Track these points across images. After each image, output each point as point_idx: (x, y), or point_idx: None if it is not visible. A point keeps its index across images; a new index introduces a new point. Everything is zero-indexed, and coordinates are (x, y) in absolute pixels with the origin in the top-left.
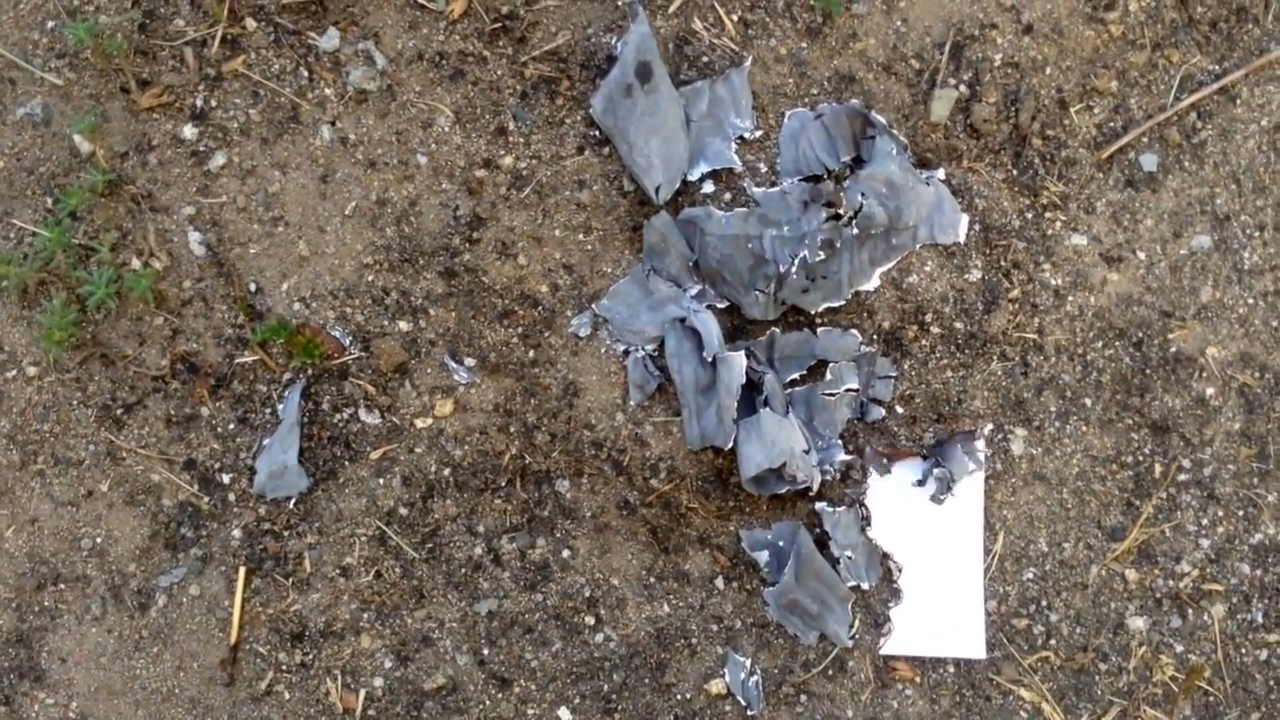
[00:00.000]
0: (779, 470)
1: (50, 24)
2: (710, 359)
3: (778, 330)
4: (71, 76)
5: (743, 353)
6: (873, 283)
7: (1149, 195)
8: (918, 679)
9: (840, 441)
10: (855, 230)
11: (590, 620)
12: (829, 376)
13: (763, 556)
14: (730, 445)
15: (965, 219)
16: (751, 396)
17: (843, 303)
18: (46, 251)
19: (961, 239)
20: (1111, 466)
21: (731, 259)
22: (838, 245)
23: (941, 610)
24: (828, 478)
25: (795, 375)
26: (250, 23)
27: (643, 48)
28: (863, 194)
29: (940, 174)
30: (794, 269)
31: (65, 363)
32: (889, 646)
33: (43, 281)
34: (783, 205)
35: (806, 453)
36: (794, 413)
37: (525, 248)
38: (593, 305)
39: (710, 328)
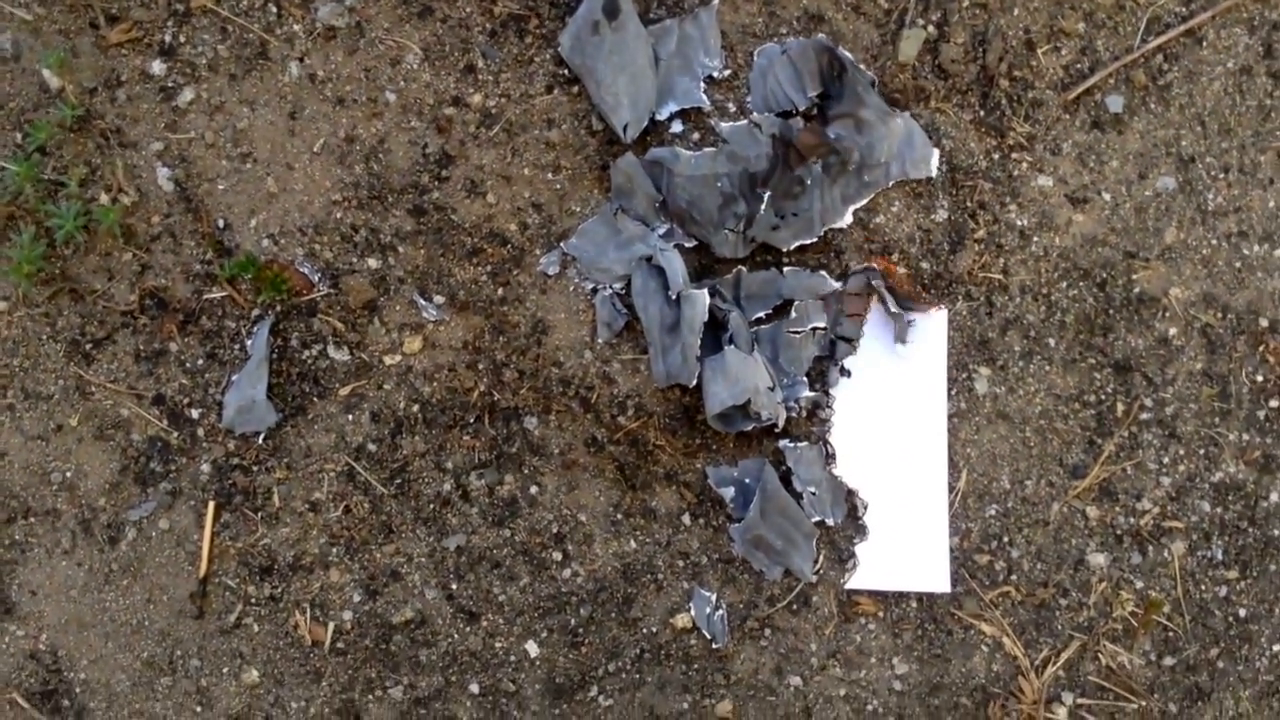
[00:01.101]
0: (744, 407)
1: None
2: (675, 297)
3: (744, 269)
4: (40, 12)
5: (706, 291)
6: (845, 219)
7: (1115, 137)
8: (880, 613)
9: (805, 379)
10: (824, 167)
11: (558, 556)
12: (794, 315)
13: (729, 493)
14: (695, 383)
15: (936, 153)
16: (718, 334)
17: (815, 239)
18: (15, 185)
19: (934, 173)
20: (1074, 405)
21: (701, 199)
22: (808, 182)
23: (906, 545)
24: (793, 415)
25: (761, 314)
26: None
27: None
28: (835, 132)
29: (908, 115)
30: (763, 207)
31: (34, 297)
32: (854, 581)
33: (11, 216)
34: (751, 140)
35: (771, 389)
36: (759, 350)
37: (494, 186)
38: (561, 244)
39: (676, 266)
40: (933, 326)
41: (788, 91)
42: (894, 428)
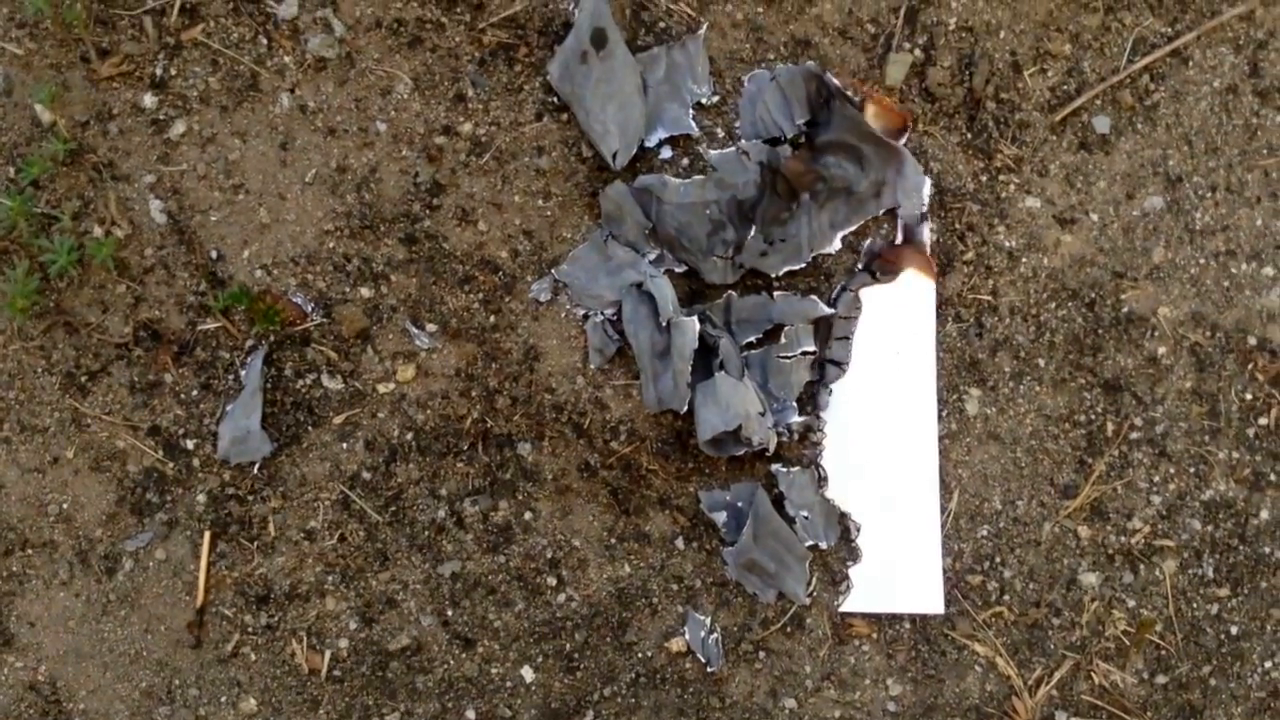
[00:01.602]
0: (735, 433)
1: None
2: (665, 324)
3: (734, 294)
4: (32, 46)
5: (695, 318)
6: (833, 245)
7: (1102, 157)
8: (874, 635)
9: (795, 404)
10: (812, 194)
11: (552, 581)
12: (784, 340)
13: (721, 517)
14: (686, 409)
15: (928, 182)
16: (709, 360)
17: (803, 265)
18: (8, 220)
19: (924, 205)
20: (1064, 425)
21: (690, 226)
22: (795, 209)
23: (900, 567)
24: (784, 439)
25: (752, 338)
26: None
27: (597, 14)
28: (824, 160)
29: (900, 143)
30: (752, 233)
31: (29, 331)
32: (848, 604)
33: (5, 250)
34: (739, 167)
35: (762, 415)
36: (750, 376)
37: (485, 214)
38: (552, 271)
39: (665, 293)
40: (922, 347)
41: (776, 118)
42: (885, 449)
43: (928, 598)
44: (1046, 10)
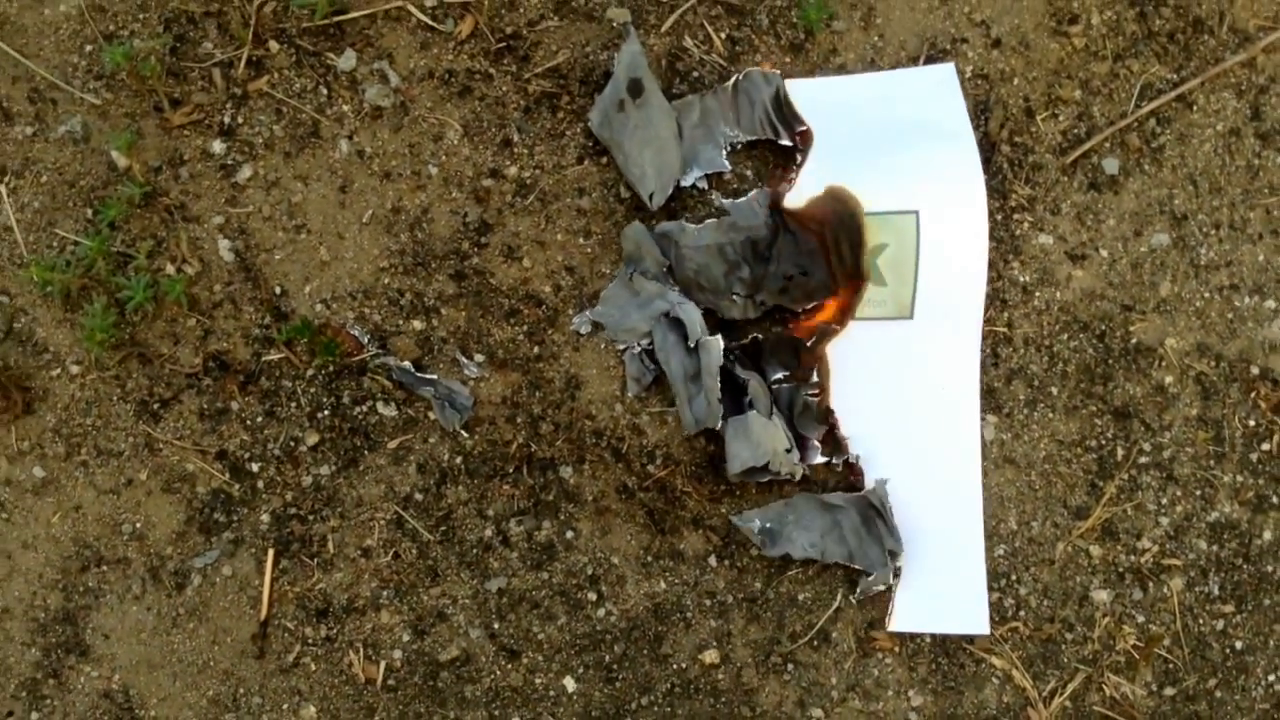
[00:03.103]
0: (764, 466)
1: (88, 48)
2: (694, 345)
3: (759, 336)
4: (109, 97)
5: (719, 336)
6: None
7: (1111, 197)
8: (896, 649)
9: (819, 444)
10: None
11: (592, 596)
12: (815, 378)
13: (755, 526)
14: (720, 424)
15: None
16: (739, 397)
17: (827, 300)
18: (88, 259)
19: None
20: (1076, 450)
21: (707, 267)
22: (814, 246)
23: (944, 587)
24: (807, 474)
25: (780, 375)
26: (273, 45)
27: (633, 65)
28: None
29: None
30: (770, 269)
31: (105, 361)
32: (895, 624)
33: (84, 287)
34: (751, 213)
35: (789, 451)
36: (778, 412)
37: (529, 251)
38: (587, 311)
39: (693, 317)
40: (966, 372)
41: None
42: (928, 469)
43: (974, 618)
44: (1058, 59)
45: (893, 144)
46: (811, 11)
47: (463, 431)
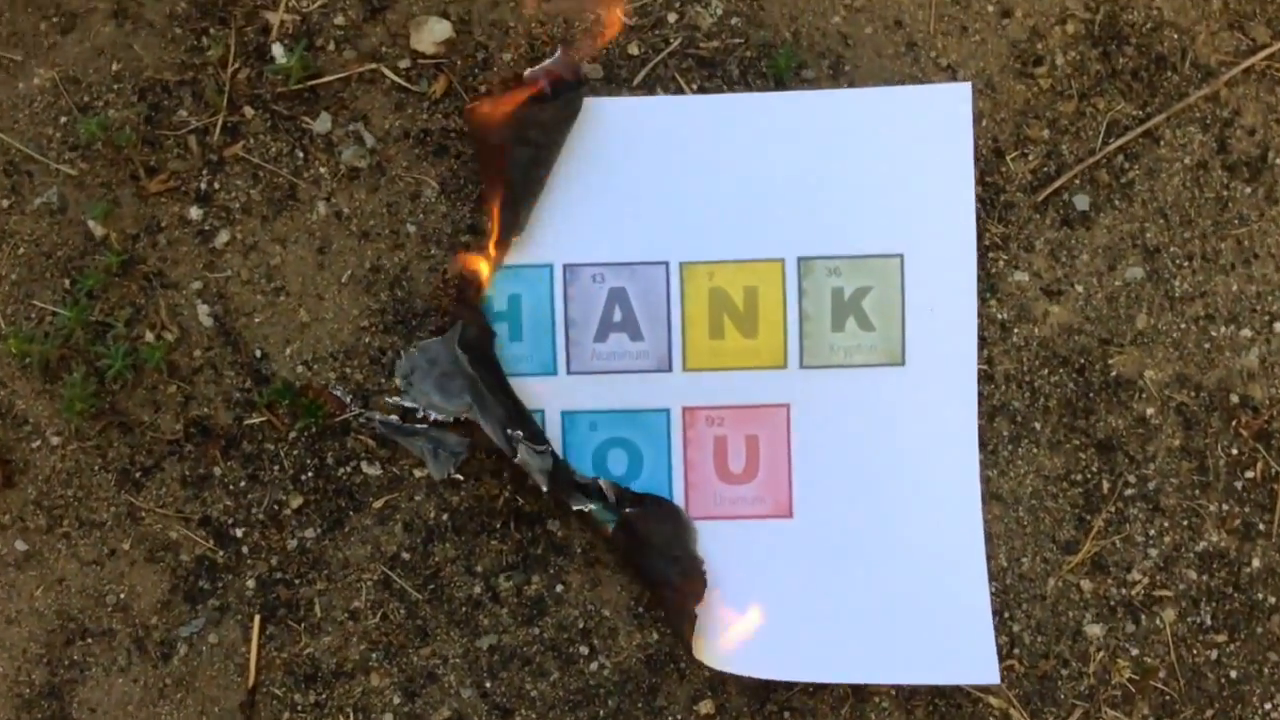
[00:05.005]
0: None
1: (63, 119)
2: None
3: None
4: (84, 167)
5: None
6: None
7: (1083, 232)
8: (893, 691)
9: None
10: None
11: (585, 650)
12: None
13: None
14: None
15: None
16: None
17: None
18: (66, 329)
19: None
20: (1062, 484)
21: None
22: None
23: (949, 639)
24: None
25: None
26: (248, 110)
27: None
28: None
29: None
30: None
31: (86, 431)
32: (898, 678)
33: (63, 357)
34: None
35: None
36: None
37: None
38: None
39: None
40: (963, 418)
41: None
42: (928, 519)
43: (982, 668)
44: (1024, 99)
45: (881, 176)
46: (781, 60)
47: (458, 476)
